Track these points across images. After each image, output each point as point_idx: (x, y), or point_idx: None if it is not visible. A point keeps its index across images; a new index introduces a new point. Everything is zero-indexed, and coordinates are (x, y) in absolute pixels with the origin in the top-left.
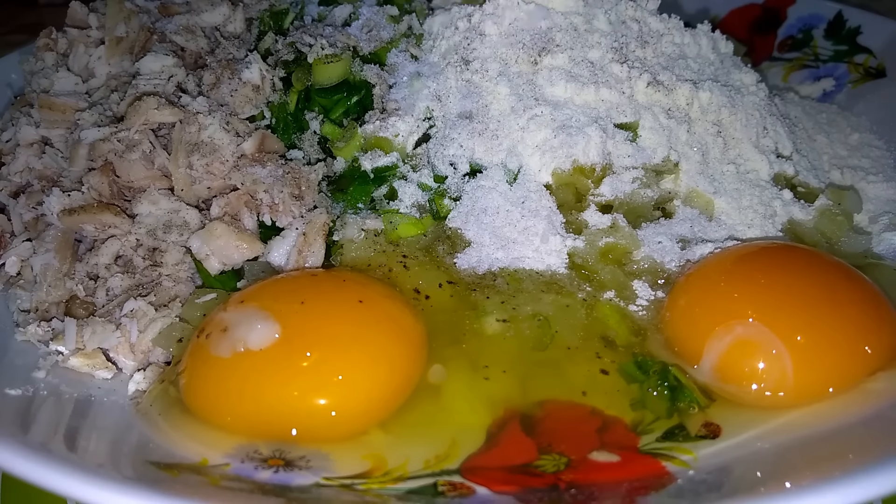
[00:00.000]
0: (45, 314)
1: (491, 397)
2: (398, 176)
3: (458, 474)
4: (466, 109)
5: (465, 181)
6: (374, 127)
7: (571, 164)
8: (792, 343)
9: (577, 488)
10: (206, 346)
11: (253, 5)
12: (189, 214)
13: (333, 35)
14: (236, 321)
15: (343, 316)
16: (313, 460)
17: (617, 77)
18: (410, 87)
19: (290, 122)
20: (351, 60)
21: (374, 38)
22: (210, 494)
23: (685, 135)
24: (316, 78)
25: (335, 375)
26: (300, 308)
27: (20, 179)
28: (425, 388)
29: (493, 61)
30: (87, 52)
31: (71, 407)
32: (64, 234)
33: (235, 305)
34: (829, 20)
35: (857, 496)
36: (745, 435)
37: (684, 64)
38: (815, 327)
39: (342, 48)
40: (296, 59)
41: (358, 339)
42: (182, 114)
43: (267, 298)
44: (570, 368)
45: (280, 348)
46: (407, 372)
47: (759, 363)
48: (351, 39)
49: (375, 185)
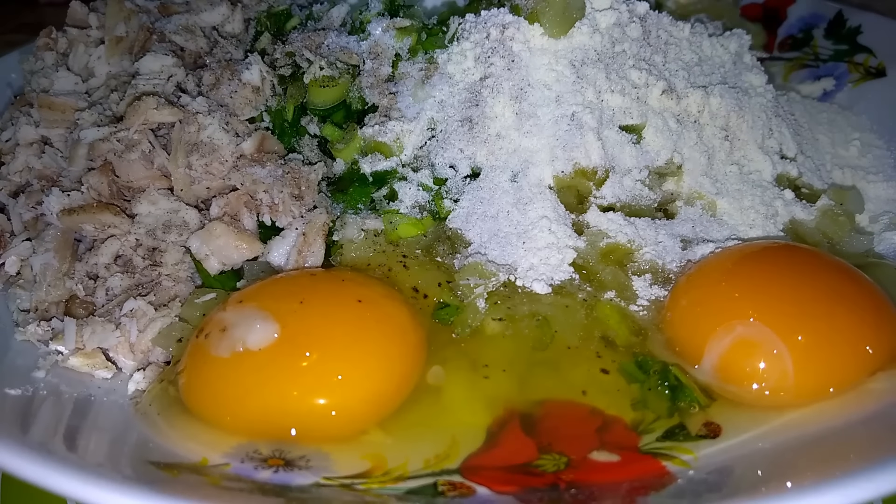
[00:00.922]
0: (44, 314)
1: (490, 396)
2: (398, 177)
3: (458, 474)
4: (467, 115)
5: (465, 183)
6: (373, 131)
7: (573, 167)
8: (793, 343)
9: (576, 488)
10: (205, 346)
11: (252, 6)
12: (188, 214)
13: (334, 51)
14: (235, 321)
15: (341, 315)
16: (313, 460)
17: (634, 83)
18: (415, 95)
19: (288, 129)
20: (349, 84)
21: (377, 74)
22: (210, 494)
23: (692, 138)
24: (311, 98)
25: (334, 375)
26: (299, 308)
27: (20, 179)
28: (425, 388)
29: (507, 80)
30: (87, 51)
31: (71, 407)
32: (63, 234)
33: (234, 305)
34: (829, 19)
35: (857, 496)
36: (745, 434)
37: (699, 70)
38: (816, 327)
39: (341, 71)
40: (293, 74)
41: (356, 339)
42: (181, 114)
43: (266, 298)
44: (570, 368)
45: (279, 348)
46: (406, 371)
47: (759, 363)
48: (353, 58)
49: (375, 188)
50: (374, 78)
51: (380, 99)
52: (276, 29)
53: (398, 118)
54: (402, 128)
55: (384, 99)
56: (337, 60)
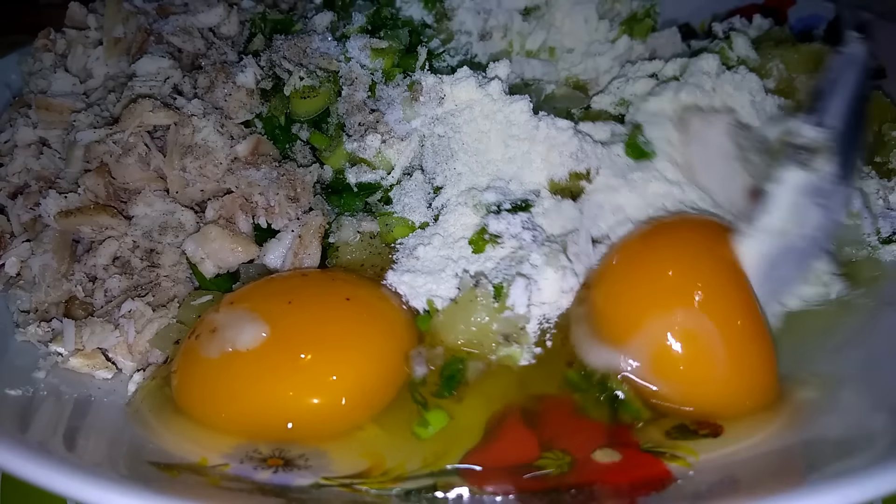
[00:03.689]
0: (44, 315)
1: (487, 392)
2: (385, 190)
3: (457, 474)
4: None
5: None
6: (353, 147)
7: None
8: (733, 334)
9: (577, 488)
10: (196, 347)
11: (248, 9)
12: (184, 216)
13: (314, 58)
14: (225, 322)
15: (329, 313)
16: (312, 459)
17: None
18: (404, 113)
19: (280, 136)
20: (331, 92)
21: (351, 101)
22: (209, 495)
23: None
24: (294, 110)
25: (322, 372)
26: (287, 307)
27: (18, 180)
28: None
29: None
30: (85, 52)
31: (70, 407)
32: (62, 236)
33: (225, 307)
34: (829, 21)
35: (857, 496)
36: (746, 434)
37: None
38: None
39: (322, 79)
40: (274, 87)
41: (344, 336)
42: (177, 116)
43: (255, 299)
44: (560, 367)
45: (267, 347)
46: (394, 365)
47: (688, 355)
48: (333, 65)
49: (362, 198)
50: (348, 104)
51: (361, 119)
52: (270, 31)
53: (385, 132)
54: (387, 145)
55: (368, 116)
56: (318, 69)
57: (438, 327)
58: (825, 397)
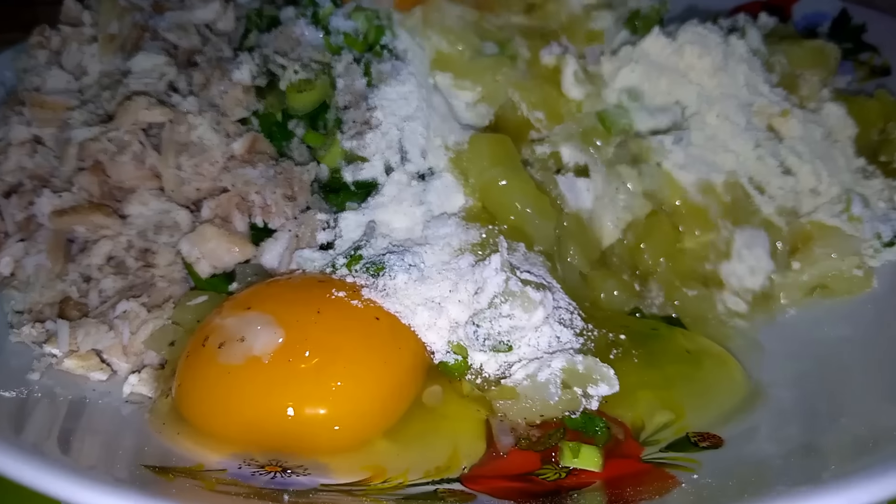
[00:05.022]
0: (38, 315)
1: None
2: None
3: (458, 482)
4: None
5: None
6: (350, 145)
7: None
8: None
9: (578, 492)
10: (211, 355)
11: (244, 5)
12: (180, 215)
13: (307, 50)
14: (244, 330)
15: (357, 329)
16: (311, 469)
17: None
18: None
19: (277, 133)
20: (327, 84)
21: (352, 91)
22: (205, 499)
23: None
24: (291, 105)
25: (339, 388)
26: (316, 318)
27: (12, 179)
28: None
29: None
30: (80, 49)
31: (65, 409)
32: (56, 235)
33: (240, 312)
34: (833, 17)
35: (859, 499)
36: (747, 440)
37: None
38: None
39: (317, 72)
40: (269, 84)
41: (376, 356)
42: (172, 113)
43: (278, 305)
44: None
45: (290, 357)
46: (410, 383)
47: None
48: (325, 56)
49: (361, 196)
50: (350, 95)
51: (357, 116)
52: (266, 27)
53: (377, 127)
54: (384, 140)
55: (365, 114)
56: (311, 62)
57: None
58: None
